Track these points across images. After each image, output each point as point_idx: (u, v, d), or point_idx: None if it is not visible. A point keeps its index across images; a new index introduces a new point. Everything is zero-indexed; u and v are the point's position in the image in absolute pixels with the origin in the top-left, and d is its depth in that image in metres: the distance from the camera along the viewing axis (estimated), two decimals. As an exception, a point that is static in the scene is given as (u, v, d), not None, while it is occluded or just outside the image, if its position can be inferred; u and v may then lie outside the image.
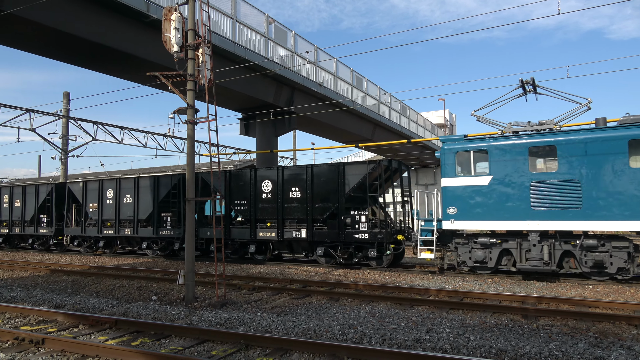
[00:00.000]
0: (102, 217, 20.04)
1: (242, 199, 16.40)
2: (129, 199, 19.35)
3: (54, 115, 26.77)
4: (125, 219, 19.41)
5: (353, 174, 14.72)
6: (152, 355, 5.63)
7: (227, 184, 16.69)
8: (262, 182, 16.03)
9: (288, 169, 15.96)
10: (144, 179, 19.41)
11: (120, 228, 19.47)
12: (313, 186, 15.15)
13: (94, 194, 20.48)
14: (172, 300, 9.81)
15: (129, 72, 18.73)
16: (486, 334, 6.85)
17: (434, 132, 45.77)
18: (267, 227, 15.82)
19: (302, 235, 15.21)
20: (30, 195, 23.16)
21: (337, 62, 26.13)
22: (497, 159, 12.15)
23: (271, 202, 15.79)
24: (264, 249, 16.56)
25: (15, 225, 23.88)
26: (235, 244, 16.86)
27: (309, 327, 7.14)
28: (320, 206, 15.04)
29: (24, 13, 13.09)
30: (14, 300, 9.99)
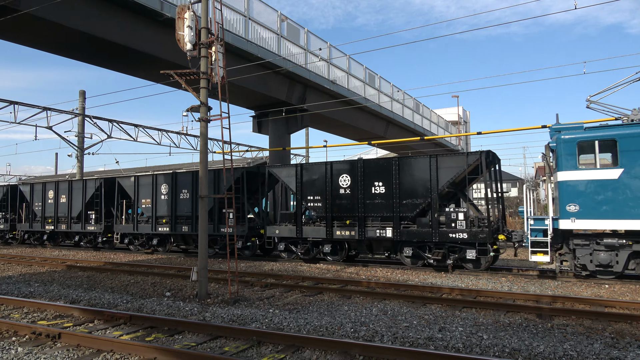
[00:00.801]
0: (156, 213, 19.04)
1: (316, 194, 15.27)
2: (186, 194, 18.33)
3: (70, 114, 27.16)
4: (182, 215, 18.38)
5: (448, 167, 13.41)
6: (165, 350, 5.69)
7: (299, 178, 15.55)
8: (339, 176, 14.90)
9: (369, 162, 14.67)
10: None
11: (176, 225, 18.42)
12: (400, 181, 13.92)
13: (146, 189, 19.52)
14: (185, 296, 9.90)
15: (144, 70, 18.91)
16: (500, 333, 6.79)
17: (447, 130, 45.41)
18: (346, 226, 14.64)
19: (386, 235, 13.97)
20: (77, 190, 22.34)
21: (349, 59, 26.06)
22: (630, 149, 10.76)
23: (350, 198, 14.66)
24: (339, 249, 15.40)
25: (60, 222, 22.99)
26: (306, 243, 15.71)
27: (320, 325, 7.15)
28: (409, 202, 13.78)
29: (41, 13, 13.29)
30: (32, 295, 10.18)
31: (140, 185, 19.78)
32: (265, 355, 5.87)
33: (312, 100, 23.72)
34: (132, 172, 43.14)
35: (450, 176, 13.36)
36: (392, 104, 31.23)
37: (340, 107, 24.93)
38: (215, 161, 38.25)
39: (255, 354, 5.98)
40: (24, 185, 25.05)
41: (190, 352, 5.57)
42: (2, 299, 9.21)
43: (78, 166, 28.01)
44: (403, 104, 33.35)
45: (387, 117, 30.91)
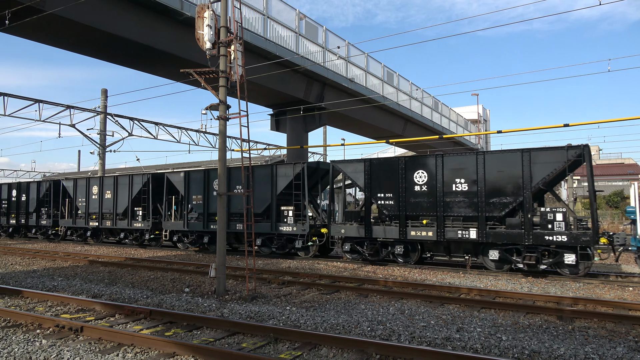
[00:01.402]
0: (208, 210, 18.28)
1: (387, 192, 14.30)
2: (240, 190, 17.27)
3: (93, 112, 27.69)
4: (236, 212, 17.61)
5: (544, 163, 12.27)
6: (184, 345, 5.77)
7: (368, 174, 14.67)
8: (414, 172, 13.91)
9: (449, 158, 13.61)
10: (260, 168, 17.56)
11: (230, 222, 17.44)
12: (486, 177, 12.87)
13: (197, 184, 18.73)
14: (203, 292, 10.02)
15: (164, 69, 19.17)
16: (519, 334, 6.70)
17: (466, 128, 44.89)
18: (422, 226, 13.62)
19: (470, 236, 12.91)
20: (123, 186, 21.61)
21: (367, 57, 25.96)
22: None
23: (427, 196, 13.65)
24: (410, 250, 14.41)
25: (105, 218, 22.38)
26: (374, 243, 14.72)
27: (337, 323, 7.16)
28: (497, 201, 12.73)
29: (65, 13, 13.57)
30: (55, 289, 10.43)
31: (191, 181, 19.05)
32: (282, 352, 5.90)
33: (330, 98, 23.72)
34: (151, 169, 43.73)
35: (546, 172, 12.21)
36: (410, 102, 31.02)
37: (358, 105, 24.87)
38: (233, 159, 38.57)
39: (272, 351, 6.02)
40: (67, 180, 24.54)
41: (209, 348, 5.64)
42: (28, 293, 9.46)
43: (100, 163, 28.54)
44: (422, 102, 33.09)
45: (406, 115, 30.71)
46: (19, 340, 6.19)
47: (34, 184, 26.81)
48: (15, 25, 13.50)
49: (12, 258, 16.75)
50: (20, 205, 27.22)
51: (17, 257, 17.17)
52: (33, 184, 26.83)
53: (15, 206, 27.46)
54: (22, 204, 27.01)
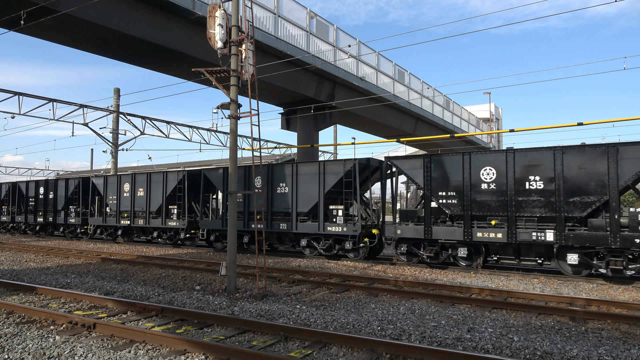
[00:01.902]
0: (250, 208, 17.63)
1: (450, 190, 13.45)
2: (284, 188, 16.74)
3: (105, 111, 27.98)
4: (279, 211, 16.84)
5: (635, 158, 11.22)
6: (195, 343, 5.81)
7: (428, 171, 13.89)
8: (480, 169, 13.01)
9: (522, 153, 12.64)
10: (304, 165, 16.67)
11: (272, 222, 16.88)
12: (564, 175, 11.93)
13: (239, 181, 17.80)
14: (214, 290, 10.08)
15: (175, 68, 19.28)
16: (531, 335, 6.64)
17: (478, 127, 44.55)
18: (491, 227, 12.67)
19: (546, 238, 11.95)
20: (156, 183, 20.88)
21: (379, 55, 25.87)
22: None
23: (495, 195, 12.74)
24: (474, 252, 13.43)
25: (138, 216, 21.68)
26: (434, 245, 13.83)
27: (347, 322, 7.16)
28: (578, 201, 11.76)
29: (78, 13, 13.72)
30: (68, 286, 10.57)
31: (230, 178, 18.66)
32: (292, 351, 5.92)
33: (340, 97, 23.69)
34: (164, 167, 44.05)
35: (635, 170, 11.20)
36: (421, 101, 30.86)
37: (369, 104, 24.80)
38: (244, 157, 38.72)
39: (282, 349, 6.04)
40: (96, 177, 24.06)
41: (219, 345, 5.67)
42: (42, 289, 9.59)
43: (112, 162, 28.83)
44: (433, 101, 32.90)
45: (417, 114, 30.56)
46: (33, 336, 6.28)
47: (62, 181, 26.12)
48: (30, 26, 13.68)
49: (26, 255, 17.00)
50: (48, 203, 26.67)
51: (31, 254, 17.42)
52: (61, 181, 26.16)
53: (43, 204, 26.89)
54: (50, 202, 26.47)
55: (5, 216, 29.88)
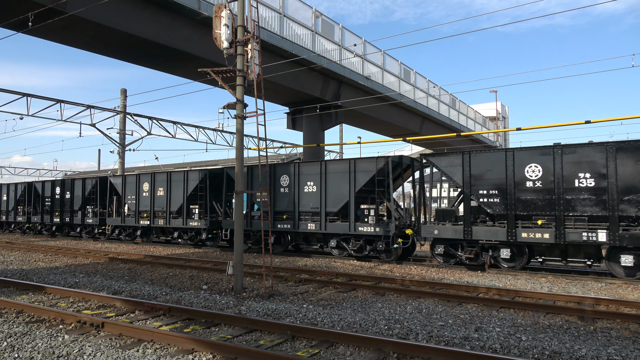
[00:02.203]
0: (275, 208, 17.07)
1: (491, 188, 12.94)
2: (311, 187, 16.11)
3: (112, 111, 28.14)
4: (306, 210, 16.30)
5: None
6: (203, 342, 5.83)
7: (467, 169, 13.35)
8: (524, 166, 12.48)
9: (570, 150, 12.04)
10: (334, 163, 16.09)
11: (299, 222, 16.37)
12: (618, 172, 11.34)
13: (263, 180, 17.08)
14: (221, 289, 10.11)
15: (181, 68, 19.35)
16: (539, 334, 6.60)
17: (484, 125, 44.35)
18: (537, 227, 12.11)
19: (598, 238, 11.37)
20: (177, 183, 20.43)
21: (384, 54, 25.83)
22: None
23: (542, 193, 12.19)
24: (516, 253, 12.85)
25: (158, 216, 21.16)
26: (474, 246, 13.33)
27: (354, 321, 7.15)
28: (634, 199, 11.17)
29: (85, 14, 13.80)
30: (77, 285, 10.64)
31: (254, 176, 17.83)
32: (299, 350, 5.92)
33: (346, 96, 23.67)
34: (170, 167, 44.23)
35: None
36: (427, 100, 30.77)
37: (374, 103, 24.76)
38: (250, 157, 38.81)
39: (289, 348, 6.04)
40: (114, 177, 23.44)
41: (227, 345, 5.69)
42: (50, 289, 9.67)
43: (119, 162, 28.99)
44: (439, 100, 32.80)
45: (423, 113, 30.48)
46: (42, 335, 6.33)
47: (79, 181, 25.60)
48: (38, 27, 13.78)
49: (35, 255, 17.14)
50: (64, 203, 26.24)
51: (40, 254, 17.56)
52: (78, 181, 25.64)
53: (59, 204, 26.45)
54: (67, 202, 26.04)
55: (21, 216, 29.65)
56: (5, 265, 14.20)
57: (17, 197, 29.82)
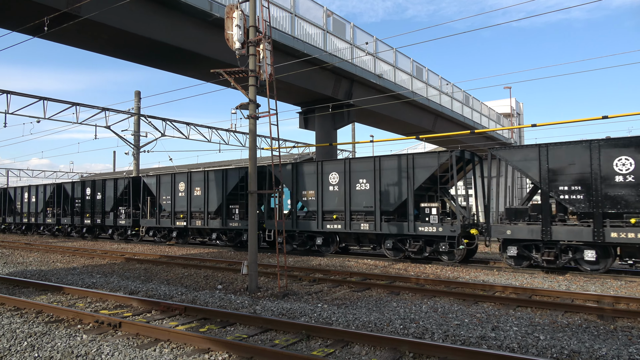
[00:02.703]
0: (323, 207, 16.19)
1: (573, 184, 12.03)
2: (364, 185, 15.30)
3: (127, 113, 28.47)
4: (359, 210, 15.39)
5: None
6: (218, 341, 5.86)
7: (544, 163, 12.43)
8: (613, 159, 11.47)
9: None
10: (389, 159, 15.04)
11: (351, 222, 15.59)
12: None
13: (310, 178, 16.62)
14: (236, 289, 10.16)
15: (194, 70, 19.48)
16: (557, 334, 6.51)
17: (499, 122, 43.88)
18: (629, 226, 11.15)
19: None
20: (215, 182, 19.60)
21: (396, 52, 25.69)
22: None
23: (634, 188, 11.21)
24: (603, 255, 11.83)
25: (195, 217, 20.40)
26: (553, 247, 12.35)
27: (369, 320, 7.13)
28: None
29: (99, 18, 13.96)
30: (94, 285, 10.78)
31: (299, 174, 16.92)
32: (314, 349, 5.92)
33: (358, 95, 23.60)
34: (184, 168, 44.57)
35: None
36: (440, 97, 30.54)
37: (387, 101, 24.64)
38: (263, 157, 38.93)
39: (304, 348, 6.04)
40: (148, 177, 22.70)
41: (242, 344, 5.71)
42: (69, 289, 9.81)
43: (134, 163, 29.32)
44: (452, 97, 32.53)
45: (436, 110, 30.26)
46: (61, 335, 6.43)
47: (110, 182, 24.91)
48: (54, 32, 13.98)
49: (53, 256, 17.42)
50: (95, 204, 25.54)
51: (58, 254, 17.84)
52: (109, 182, 24.92)
53: (90, 205, 25.72)
54: (98, 203, 25.38)
55: (50, 218, 28.94)
56: (24, 266, 14.45)
57: (46, 198, 29.32)
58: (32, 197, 30.54)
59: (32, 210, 30.47)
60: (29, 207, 30.69)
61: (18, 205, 31.85)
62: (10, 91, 23.00)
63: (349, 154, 42.91)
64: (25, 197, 31.02)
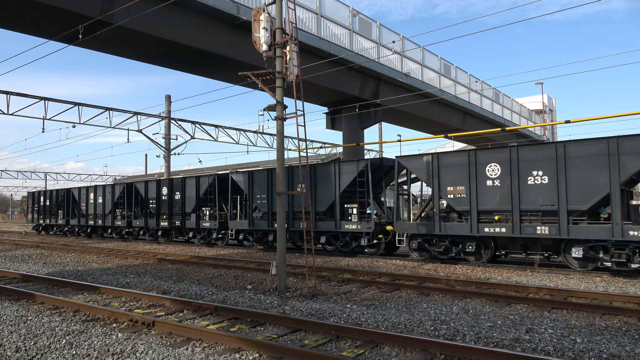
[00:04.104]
0: (480, 206, 13.50)
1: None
2: (541, 178, 12.46)
3: (158, 117, 29.13)
4: (534, 209, 12.57)
5: None
6: (249, 341, 5.92)
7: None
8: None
9: None
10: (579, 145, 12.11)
11: (523, 225, 12.54)
12: None
13: None
14: (265, 289, 10.24)
15: (222, 73, 19.78)
16: (595, 337, 6.29)
17: (530, 119, 42.80)
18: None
19: None
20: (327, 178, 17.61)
21: (423, 50, 25.41)
22: None
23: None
24: None
25: (297, 218, 18.23)
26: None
27: (399, 321, 7.07)
28: None
29: (131, 25, 14.35)
30: (128, 285, 11.07)
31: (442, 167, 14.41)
32: (344, 350, 5.91)
33: (385, 94, 23.46)
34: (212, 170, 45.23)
35: None
36: (469, 95, 30.03)
37: (414, 100, 24.40)
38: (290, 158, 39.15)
39: (334, 348, 6.04)
40: (237, 173, 20.40)
41: (272, 344, 5.75)
42: (104, 289, 10.10)
43: (165, 166, 29.96)
44: (481, 94, 31.94)
45: (464, 108, 29.78)
46: (97, 334, 6.62)
47: (191, 180, 22.62)
48: (88, 39, 14.45)
49: (89, 256, 17.98)
50: (173, 205, 23.09)
51: (93, 255, 18.40)
52: (191, 180, 22.55)
53: (168, 206, 23.29)
54: (177, 204, 22.89)
55: (119, 220, 26.61)
56: (62, 267, 14.97)
57: (114, 199, 26.88)
58: (98, 198, 28.22)
59: (99, 212, 28.09)
60: (95, 208, 28.41)
61: (83, 207, 29.60)
62: (47, 98, 23.91)
63: (375, 153, 42.68)
64: (91, 197, 28.75)
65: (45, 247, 22.41)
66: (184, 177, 23.37)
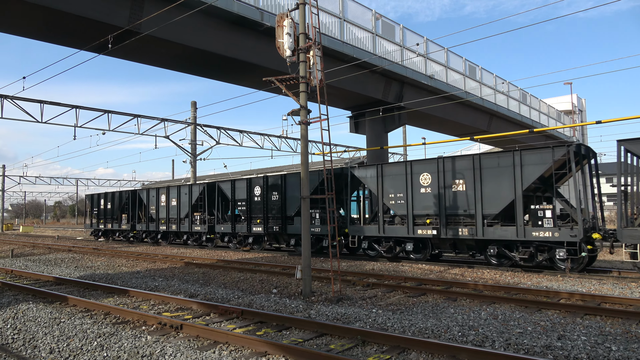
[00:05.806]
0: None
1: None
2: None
3: (184, 123, 29.66)
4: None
5: None
6: (275, 345, 5.94)
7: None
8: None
9: None
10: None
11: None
12: None
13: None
14: (290, 293, 10.26)
15: (246, 79, 20.01)
16: (632, 344, 6.07)
17: (559, 120, 41.78)
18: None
19: None
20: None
21: (447, 52, 25.15)
22: None
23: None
24: None
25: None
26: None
27: (426, 327, 6.97)
28: None
29: (159, 33, 14.68)
30: (156, 288, 11.27)
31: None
32: (370, 355, 5.86)
33: (409, 97, 23.29)
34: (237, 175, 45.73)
35: None
36: (495, 96, 29.54)
37: (439, 102, 24.15)
38: (314, 162, 39.24)
39: (360, 353, 6.00)
40: (290, 175, 19.52)
41: (298, 348, 5.75)
42: (133, 292, 10.31)
43: (192, 171, 30.44)
44: (508, 96, 31.37)
45: (490, 110, 29.30)
46: (127, 336, 6.76)
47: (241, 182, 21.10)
48: (117, 48, 14.84)
49: (118, 260, 18.38)
50: (269, 207, 20.01)
51: (122, 259, 18.81)
52: (292, 177, 19.38)
53: (263, 209, 20.18)
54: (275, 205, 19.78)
55: (198, 225, 23.44)
56: (93, 270, 15.36)
57: (192, 201, 23.96)
58: (171, 200, 25.34)
59: (173, 216, 25.15)
60: (167, 211, 25.49)
61: (152, 210, 26.70)
62: (78, 106, 24.63)
63: (400, 157, 42.38)
64: (162, 200, 25.90)
65: (77, 251, 23.03)
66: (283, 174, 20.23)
